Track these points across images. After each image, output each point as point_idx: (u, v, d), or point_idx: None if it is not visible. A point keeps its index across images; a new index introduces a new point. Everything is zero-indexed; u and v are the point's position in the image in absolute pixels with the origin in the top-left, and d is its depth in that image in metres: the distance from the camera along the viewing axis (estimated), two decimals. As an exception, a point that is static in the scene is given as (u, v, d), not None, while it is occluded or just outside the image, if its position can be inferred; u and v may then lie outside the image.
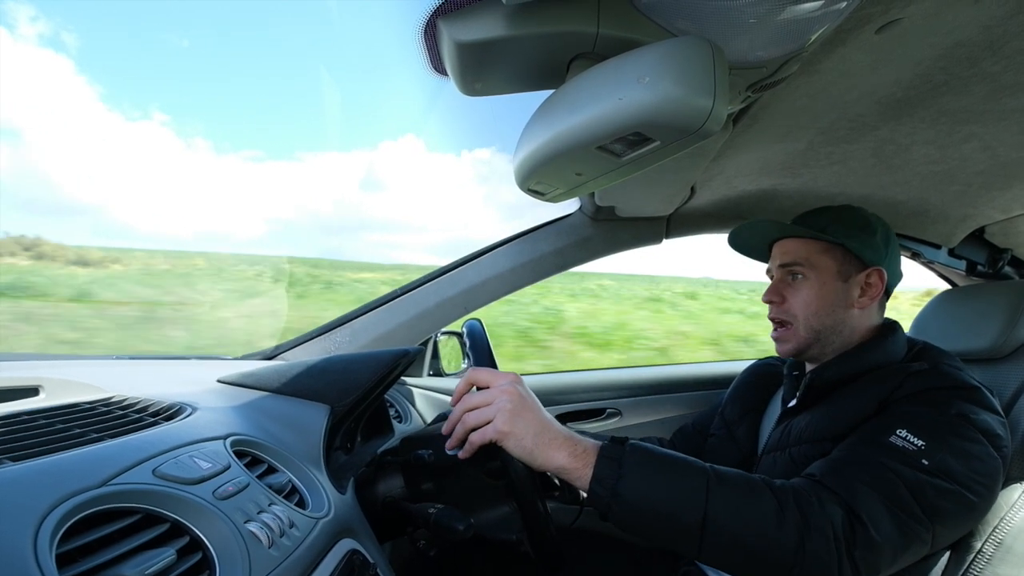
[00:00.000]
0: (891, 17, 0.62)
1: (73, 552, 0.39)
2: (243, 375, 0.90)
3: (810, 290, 0.96)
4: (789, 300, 0.98)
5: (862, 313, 0.96)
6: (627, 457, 0.71)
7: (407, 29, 0.63)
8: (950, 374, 0.83)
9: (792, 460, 0.89)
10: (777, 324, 1.00)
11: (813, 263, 0.96)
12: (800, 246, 0.98)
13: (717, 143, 0.95)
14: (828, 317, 0.95)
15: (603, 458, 0.71)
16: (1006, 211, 1.26)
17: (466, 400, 0.76)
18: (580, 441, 0.74)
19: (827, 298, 0.95)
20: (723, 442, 1.14)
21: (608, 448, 0.73)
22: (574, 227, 1.40)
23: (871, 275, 0.95)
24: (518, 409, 0.73)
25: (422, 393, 1.53)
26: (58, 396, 0.65)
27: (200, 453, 0.57)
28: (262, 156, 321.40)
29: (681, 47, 0.53)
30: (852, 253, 0.95)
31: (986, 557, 0.85)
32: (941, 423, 0.76)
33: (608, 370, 1.87)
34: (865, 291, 0.95)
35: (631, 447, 0.73)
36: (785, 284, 1.00)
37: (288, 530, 0.55)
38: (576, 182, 0.72)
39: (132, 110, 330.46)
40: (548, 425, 0.74)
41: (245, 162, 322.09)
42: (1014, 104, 0.81)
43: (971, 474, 0.73)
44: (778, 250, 1.02)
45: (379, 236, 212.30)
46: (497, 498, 0.83)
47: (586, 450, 0.72)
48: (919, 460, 0.72)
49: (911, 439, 0.74)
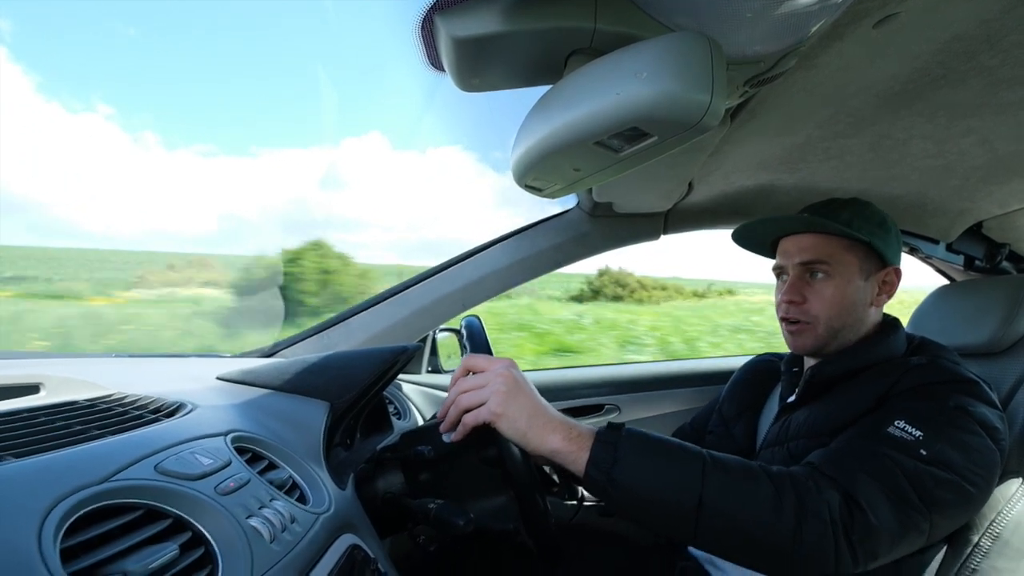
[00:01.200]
0: (889, 11, 0.62)
1: (76, 548, 0.39)
2: (243, 372, 0.90)
3: (835, 289, 0.92)
4: (810, 300, 0.94)
5: (876, 311, 0.96)
6: (623, 441, 0.71)
7: (404, 25, 0.63)
8: (948, 368, 0.83)
9: (790, 455, 0.89)
10: (793, 322, 0.97)
11: (838, 260, 0.93)
12: (823, 242, 0.94)
13: (715, 138, 0.95)
14: (849, 316, 0.93)
15: (599, 442, 0.71)
16: (1004, 206, 1.26)
17: (461, 383, 0.76)
18: (575, 425, 0.74)
19: (850, 297, 0.93)
20: (721, 439, 1.14)
21: (604, 433, 0.72)
22: (572, 223, 1.40)
23: (889, 274, 0.95)
24: (512, 391, 0.73)
25: (421, 390, 1.53)
26: (59, 393, 0.66)
27: (201, 449, 0.57)
28: (215, 151, 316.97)
29: (679, 42, 0.53)
30: (875, 251, 0.93)
31: (983, 551, 0.85)
32: (940, 415, 0.76)
33: (607, 366, 1.87)
34: (883, 289, 0.95)
35: (627, 432, 0.73)
36: (804, 283, 0.95)
37: (289, 525, 0.56)
38: (574, 178, 0.72)
39: (74, 102, 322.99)
40: (542, 409, 0.74)
41: (197, 157, 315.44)
42: (1012, 98, 0.81)
43: (969, 465, 0.74)
44: (794, 246, 0.97)
45: (342, 235, 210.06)
46: (495, 488, 0.84)
47: (580, 434, 0.72)
48: (917, 450, 0.72)
49: (909, 430, 0.74)
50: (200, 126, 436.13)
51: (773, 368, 1.16)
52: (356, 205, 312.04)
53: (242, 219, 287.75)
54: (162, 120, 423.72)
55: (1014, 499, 0.87)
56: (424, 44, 0.66)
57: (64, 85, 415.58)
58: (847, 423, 0.83)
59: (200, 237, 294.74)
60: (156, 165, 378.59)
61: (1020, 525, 0.85)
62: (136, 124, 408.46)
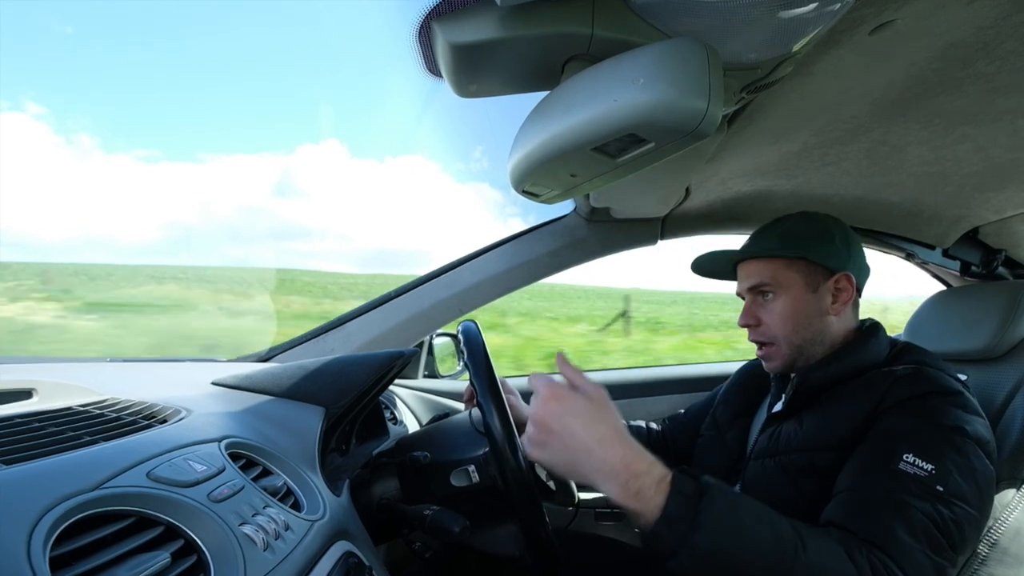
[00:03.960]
0: (885, 18, 0.62)
1: (67, 556, 0.39)
2: (238, 377, 0.90)
3: (783, 307, 0.95)
4: (765, 321, 0.97)
5: (839, 319, 0.96)
6: (706, 501, 0.63)
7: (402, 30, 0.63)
8: (934, 378, 0.83)
9: (783, 469, 0.89)
10: (759, 345, 1.00)
11: (780, 281, 0.95)
12: (762, 266, 0.97)
13: (712, 144, 0.95)
14: (807, 330, 0.95)
15: (677, 494, 0.63)
16: (1000, 212, 1.26)
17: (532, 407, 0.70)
18: (637, 471, 0.64)
19: (801, 312, 0.94)
20: (713, 443, 1.13)
21: (682, 483, 0.64)
22: (569, 228, 1.40)
23: (839, 280, 0.95)
24: (543, 439, 0.67)
25: (417, 395, 1.52)
26: (52, 399, 0.65)
27: (195, 456, 0.57)
28: (157, 156, 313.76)
29: (676, 48, 0.53)
30: (816, 264, 0.94)
31: (980, 558, 0.85)
32: (943, 442, 0.76)
33: (604, 371, 1.87)
34: (837, 297, 0.95)
35: (712, 488, 0.64)
36: (757, 305, 0.98)
37: (283, 533, 0.55)
38: (571, 183, 0.72)
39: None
40: (585, 451, 0.65)
41: (137, 162, 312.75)
42: (1008, 105, 0.82)
43: (977, 491, 0.74)
44: (742, 273, 1.01)
45: (294, 244, 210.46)
46: (498, 515, 0.83)
47: (643, 484, 0.63)
48: (934, 486, 0.72)
49: (920, 464, 0.73)
50: (143, 130, 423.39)
51: (767, 373, 1.16)
52: (310, 214, 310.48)
53: (187, 227, 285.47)
54: (100, 122, 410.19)
55: (1011, 506, 0.87)
56: (421, 50, 0.66)
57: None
58: (840, 439, 0.83)
59: (141, 246, 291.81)
60: (92, 170, 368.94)
61: (1019, 532, 0.85)
62: (71, 126, 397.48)
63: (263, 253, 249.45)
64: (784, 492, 0.86)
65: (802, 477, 0.85)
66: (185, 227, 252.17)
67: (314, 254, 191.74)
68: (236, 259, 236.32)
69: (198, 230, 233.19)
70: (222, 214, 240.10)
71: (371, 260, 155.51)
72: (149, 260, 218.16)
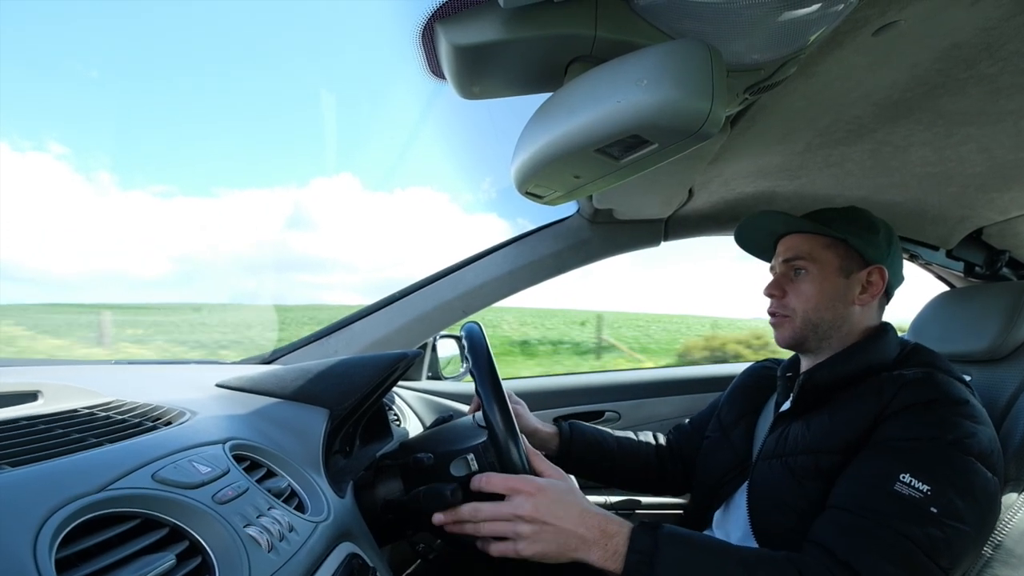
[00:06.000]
0: (888, 19, 0.62)
1: (72, 557, 0.39)
2: (242, 380, 0.90)
3: (811, 284, 0.96)
4: (789, 294, 0.99)
5: (862, 311, 0.96)
6: (661, 547, 0.71)
7: (405, 32, 0.63)
8: (942, 384, 0.83)
9: (789, 470, 0.88)
10: (774, 315, 1.02)
11: (816, 257, 0.97)
12: (803, 241, 0.99)
13: (715, 145, 0.95)
14: (827, 311, 0.96)
15: (634, 552, 0.72)
16: (1004, 212, 1.26)
17: (481, 510, 0.75)
18: (610, 535, 0.73)
19: (827, 292, 0.95)
20: (718, 445, 1.13)
21: (639, 537, 0.73)
22: (572, 230, 1.40)
23: (872, 273, 0.95)
24: (538, 533, 0.73)
25: (421, 396, 1.52)
26: (57, 401, 0.65)
27: (199, 457, 0.57)
28: (173, 191, 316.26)
29: (679, 50, 0.53)
30: (855, 250, 0.95)
31: (984, 559, 0.85)
32: (940, 458, 0.75)
33: (607, 372, 1.87)
34: (866, 288, 0.96)
35: (663, 535, 0.73)
36: (787, 279, 1.00)
37: (287, 534, 0.55)
38: (574, 185, 0.72)
39: (22, 140, 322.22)
40: (572, 531, 0.73)
41: (153, 198, 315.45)
42: (1011, 106, 0.81)
43: (976, 509, 0.74)
44: (782, 246, 1.03)
45: (305, 276, 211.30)
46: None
47: (618, 545, 0.72)
48: (928, 508, 0.72)
49: (916, 485, 0.73)
50: (160, 166, 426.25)
51: (772, 374, 1.16)
52: (322, 246, 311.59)
53: (199, 261, 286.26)
54: (118, 160, 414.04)
55: (1015, 507, 0.86)
56: (425, 52, 0.66)
57: (12, 123, 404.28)
58: (846, 442, 0.83)
59: (154, 280, 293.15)
60: (110, 206, 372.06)
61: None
62: (92, 164, 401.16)
63: (274, 285, 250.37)
64: (789, 495, 0.86)
65: (807, 479, 0.85)
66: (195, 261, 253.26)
67: (327, 286, 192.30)
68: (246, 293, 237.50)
69: (208, 263, 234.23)
70: (233, 247, 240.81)
71: (381, 290, 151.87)
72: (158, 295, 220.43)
